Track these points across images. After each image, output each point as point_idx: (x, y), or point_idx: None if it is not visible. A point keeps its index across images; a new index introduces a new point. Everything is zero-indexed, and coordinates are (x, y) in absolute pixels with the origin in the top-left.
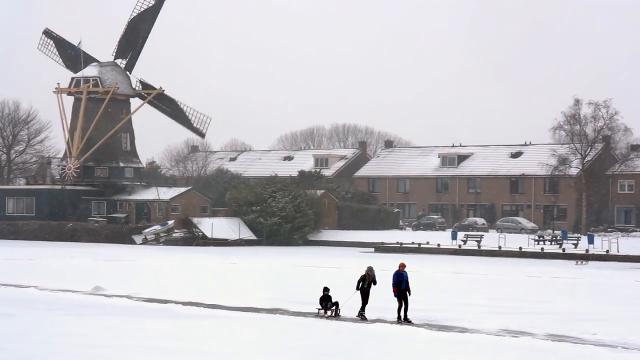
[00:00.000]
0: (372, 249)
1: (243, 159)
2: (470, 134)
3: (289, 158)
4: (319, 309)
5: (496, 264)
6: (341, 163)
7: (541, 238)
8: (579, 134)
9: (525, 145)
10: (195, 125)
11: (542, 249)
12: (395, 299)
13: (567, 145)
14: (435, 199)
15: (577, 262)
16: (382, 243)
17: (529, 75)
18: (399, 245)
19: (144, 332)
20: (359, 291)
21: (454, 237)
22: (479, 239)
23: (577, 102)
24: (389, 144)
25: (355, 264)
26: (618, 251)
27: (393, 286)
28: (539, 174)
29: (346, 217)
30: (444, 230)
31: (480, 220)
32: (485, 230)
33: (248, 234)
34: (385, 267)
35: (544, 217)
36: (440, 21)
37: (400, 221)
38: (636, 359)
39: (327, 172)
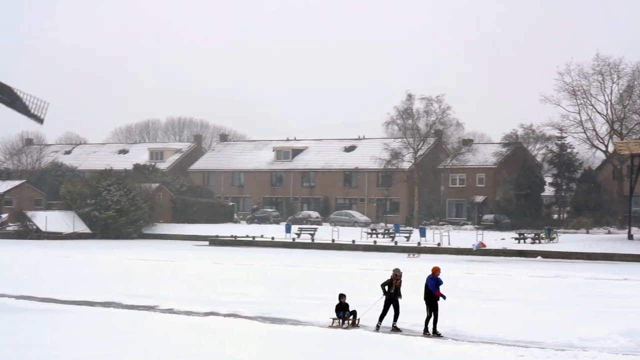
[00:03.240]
0: (207, 242)
1: (78, 152)
2: (305, 128)
3: (124, 151)
4: (333, 319)
5: (330, 257)
6: (176, 156)
7: (374, 231)
8: (411, 128)
9: (359, 139)
10: (32, 111)
11: (375, 242)
12: (426, 308)
13: (399, 140)
14: (269, 192)
15: (409, 254)
16: (217, 236)
17: (362, 70)
18: (233, 238)
19: None
20: (383, 298)
21: (288, 230)
22: (312, 232)
23: (410, 97)
24: (223, 138)
25: (190, 257)
26: (449, 244)
27: (437, 291)
28: (372, 168)
29: (181, 211)
30: (278, 223)
31: (314, 214)
32: (319, 224)
33: (83, 228)
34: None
35: (377, 210)
36: (275, 8)
37: (235, 214)
38: (464, 350)
39: (163, 166)
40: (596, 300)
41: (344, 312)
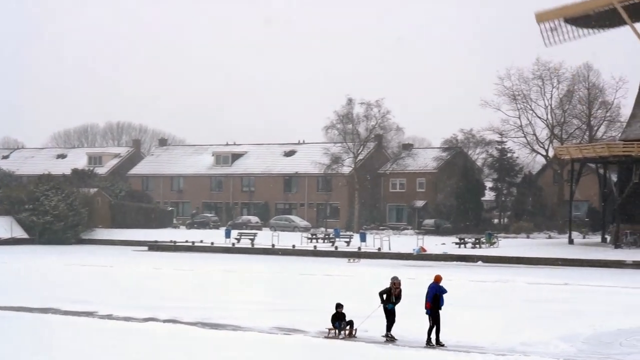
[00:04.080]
0: (146, 248)
1: (16, 157)
2: (245, 133)
3: (62, 156)
4: (329, 329)
5: (270, 262)
6: (115, 161)
7: (314, 236)
8: (351, 133)
9: (299, 144)
10: None
11: (315, 247)
12: (429, 318)
13: (340, 144)
14: (209, 197)
15: (349, 259)
16: (156, 242)
17: (301, 75)
18: (172, 243)
19: None
20: (382, 307)
21: (228, 235)
22: (252, 237)
23: (350, 101)
24: (163, 142)
25: (129, 262)
26: (390, 249)
27: (427, 301)
28: (313, 173)
29: (120, 216)
30: (217, 228)
31: (254, 219)
32: (259, 229)
33: (21, 233)
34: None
35: (317, 215)
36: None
37: (174, 219)
38: (405, 355)
39: (101, 171)
40: (537, 305)
41: (340, 322)
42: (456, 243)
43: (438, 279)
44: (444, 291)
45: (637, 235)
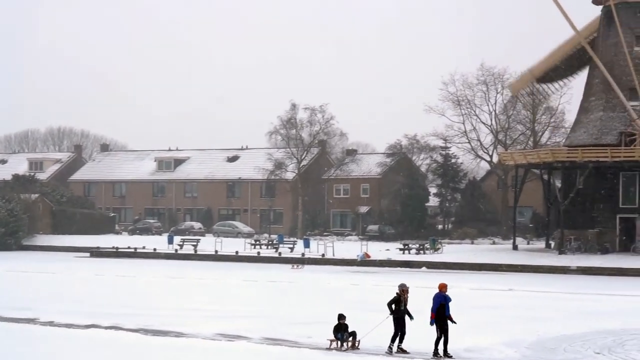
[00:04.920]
0: (88, 254)
1: None
2: (188, 138)
3: (2, 161)
4: (331, 341)
5: (213, 268)
6: (56, 167)
7: (258, 242)
8: (295, 138)
9: (242, 149)
10: None
11: (259, 252)
12: (436, 328)
13: (283, 150)
14: (151, 203)
15: (293, 265)
16: (98, 248)
17: (245, 81)
18: (115, 249)
19: None
20: (391, 317)
21: (171, 241)
22: (195, 243)
23: (294, 106)
24: (104, 148)
25: (71, 269)
26: (333, 255)
27: (432, 311)
28: (256, 178)
29: (62, 222)
30: (160, 234)
31: (197, 225)
32: (202, 235)
33: None
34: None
35: (261, 221)
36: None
37: (117, 225)
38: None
39: (42, 176)
40: (481, 310)
41: (342, 334)
42: (400, 249)
43: (443, 287)
44: (449, 300)
45: (581, 241)
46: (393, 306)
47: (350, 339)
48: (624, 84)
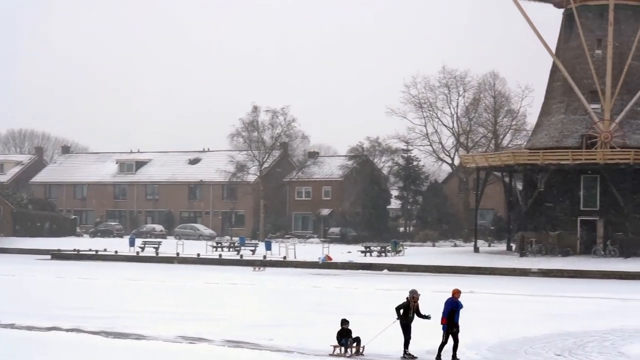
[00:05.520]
0: (49, 257)
1: None
2: (149, 141)
3: None
4: (335, 347)
5: (174, 271)
6: (17, 169)
7: (219, 244)
8: (256, 141)
9: (204, 151)
10: None
11: (220, 255)
12: (444, 333)
13: (245, 152)
14: (113, 205)
15: (254, 268)
16: (60, 250)
17: (207, 82)
18: (76, 252)
19: None
20: (398, 322)
21: (132, 243)
22: (157, 245)
23: (256, 109)
24: (66, 150)
25: (32, 271)
26: (295, 257)
27: (443, 316)
28: (218, 181)
29: (23, 224)
30: (122, 237)
31: (159, 227)
32: (164, 237)
33: None
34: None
35: (223, 223)
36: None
37: (78, 228)
38: None
39: (3, 178)
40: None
41: (346, 340)
42: (362, 251)
43: (456, 293)
44: (460, 306)
45: (542, 243)
46: (401, 311)
47: (355, 344)
48: (585, 87)
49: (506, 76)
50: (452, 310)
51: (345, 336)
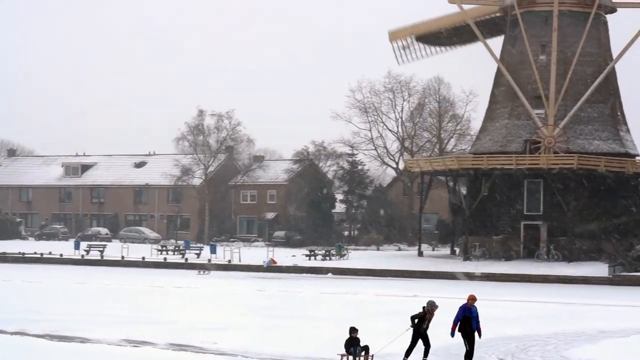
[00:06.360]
0: None
1: None
2: (95, 144)
3: None
4: (342, 356)
5: (119, 274)
6: None
7: (164, 248)
8: (202, 144)
9: (150, 155)
10: None
11: (165, 258)
12: (465, 342)
13: (190, 156)
14: (58, 208)
15: (199, 271)
16: (4, 253)
17: (153, 86)
18: (21, 255)
19: None
20: (411, 330)
21: (77, 247)
22: (102, 249)
23: (201, 112)
24: (11, 153)
25: None
26: (240, 261)
27: (453, 323)
28: (163, 184)
29: None
30: (67, 240)
31: (104, 230)
32: (109, 240)
33: None
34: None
35: (168, 227)
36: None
37: (23, 231)
38: None
39: None
40: (386, 316)
41: (355, 348)
42: (306, 255)
43: (471, 299)
44: (475, 313)
45: (485, 247)
46: (416, 321)
47: (363, 354)
48: (529, 92)
49: (451, 81)
50: (464, 317)
51: (353, 345)
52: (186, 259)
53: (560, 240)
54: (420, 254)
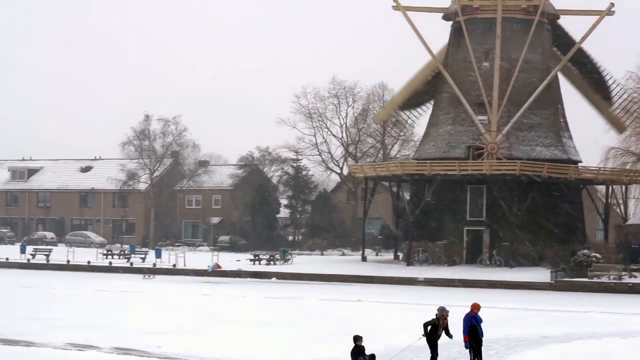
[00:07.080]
0: None
1: None
2: (41, 148)
3: None
4: None
5: (65, 278)
6: None
7: (110, 252)
8: (148, 149)
9: (96, 159)
10: None
11: (111, 262)
12: (469, 351)
13: (136, 161)
14: (4, 212)
15: (144, 275)
16: None
17: (100, 89)
18: None
19: None
20: (424, 338)
21: (23, 251)
22: (47, 253)
23: (147, 117)
24: None
25: None
26: (185, 265)
27: (464, 334)
28: (109, 189)
29: None
30: (13, 244)
31: (50, 234)
32: (55, 244)
33: None
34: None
35: (113, 231)
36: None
37: None
38: None
39: None
40: (329, 320)
41: (363, 357)
42: (251, 260)
43: (475, 307)
44: (480, 321)
45: (428, 252)
46: (428, 328)
47: None
48: (472, 99)
49: (395, 87)
50: (472, 326)
51: (360, 354)
52: (131, 264)
53: (503, 245)
54: (364, 259)
